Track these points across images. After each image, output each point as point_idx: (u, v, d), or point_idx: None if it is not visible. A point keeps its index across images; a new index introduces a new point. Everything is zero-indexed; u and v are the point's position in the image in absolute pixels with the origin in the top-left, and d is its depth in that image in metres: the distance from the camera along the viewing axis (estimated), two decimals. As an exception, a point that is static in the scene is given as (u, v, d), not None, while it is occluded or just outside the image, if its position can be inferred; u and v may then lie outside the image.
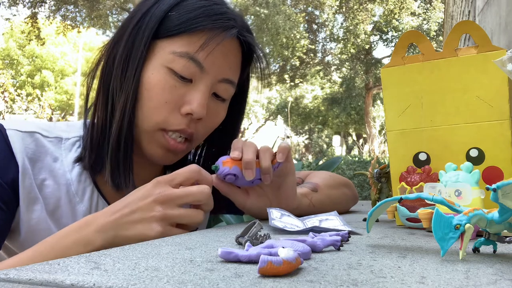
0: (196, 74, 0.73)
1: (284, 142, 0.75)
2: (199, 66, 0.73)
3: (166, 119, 0.73)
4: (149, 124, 0.73)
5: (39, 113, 10.88)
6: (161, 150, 0.75)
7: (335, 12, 14.21)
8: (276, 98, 22.67)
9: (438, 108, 0.69)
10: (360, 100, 16.96)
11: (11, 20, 13.26)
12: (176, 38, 0.73)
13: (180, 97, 0.73)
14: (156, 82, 0.72)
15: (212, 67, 0.74)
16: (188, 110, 0.73)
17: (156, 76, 0.72)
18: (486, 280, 0.35)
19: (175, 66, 0.72)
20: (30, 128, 0.73)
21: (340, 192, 0.95)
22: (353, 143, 21.72)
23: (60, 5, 11.78)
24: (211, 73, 0.74)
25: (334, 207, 0.90)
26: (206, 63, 0.73)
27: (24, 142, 0.71)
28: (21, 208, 0.70)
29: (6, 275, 0.37)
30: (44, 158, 0.73)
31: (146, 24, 0.73)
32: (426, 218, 0.53)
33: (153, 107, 0.72)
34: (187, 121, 0.74)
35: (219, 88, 0.77)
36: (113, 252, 0.47)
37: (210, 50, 0.73)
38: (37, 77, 21.01)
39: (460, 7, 2.67)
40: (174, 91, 0.72)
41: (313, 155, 19.62)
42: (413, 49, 9.29)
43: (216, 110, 0.79)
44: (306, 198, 0.83)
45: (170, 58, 0.72)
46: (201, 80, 0.74)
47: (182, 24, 0.72)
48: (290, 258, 0.37)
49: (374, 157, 0.87)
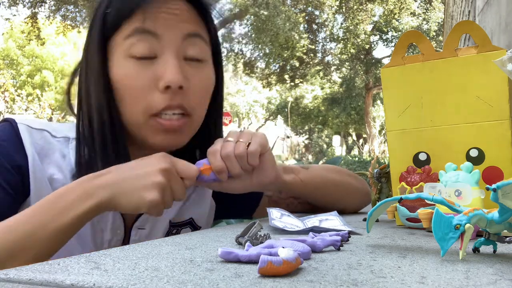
0: (155, 47, 0.72)
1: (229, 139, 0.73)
2: (154, 36, 0.71)
3: (149, 103, 0.72)
4: (137, 116, 0.73)
5: (39, 113, 10.88)
6: (161, 134, 0.74)
7: (335, 12, 14.21)
8: (276, 98, 22.68)
9: (438, 108, 0.69)
10: (360, 100, 16.97)
11: (11, 20, 13.25)
12: (122, 26, 0.72)
13: (152, 77, 0.72)
14: (124, 75, 0.72)
15: (166, 29, 0.72)
16: (164, 83, 0.71)
17: (122, 70, 0.72)
18: (486, 280, 0.35)
19: (133, 50, 0.71)
20: (40, 126, 0.76)
21: (343, 179, 0.92)
22: (353, 143, 21.73)
23: (60, 5, 11.77)
24: (168, 35, 0.72)
25: (330, 191, 0.88)
26: (158, 28, 0.71)
27: (33, 137, 0.73)
28: (31, 198, 0.71)
29: (6, 275, 0.37)
30: (53, 154, 0.75)
31: (94, 29, 0.75)
32: (426, 218, 0.53)
33: (133, 98, 0.72)
34: (170, 95, 0.71)
35: (187, 48, 0.74)
36: (113, 252, 0.47)
37: (155, 14, 0.71)
38: (37, 77, 21.00)
39: (460, 7, 2.67)
40: (143, 74, 0.72)
41: (313, 155, 19.62)
42: (413, 49, 9.29)
43: (197, 72, 0.75)
44: (292, 174, 0.82)
45: (125, 45, 0.72)
46: (163, 49, 0.72)
47: (120, 12, 0.72)
48: (290, 258, 0.37)
49: (374, 157, 0.87)
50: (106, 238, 0.76)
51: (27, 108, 10.93)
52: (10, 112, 10.68)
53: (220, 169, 0.70)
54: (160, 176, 0.63)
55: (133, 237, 0.78)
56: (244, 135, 0.73)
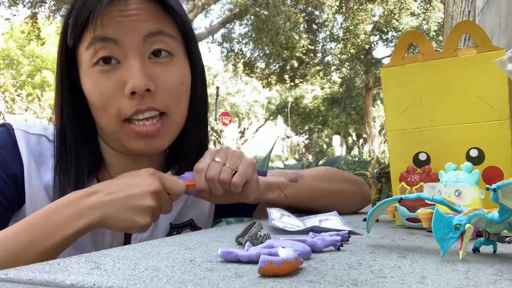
0: (116, 52, 0.70)
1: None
2: (112, 42, 0.69)
3: (118, 109, 0.71)
4: (110, 123, 0.72)
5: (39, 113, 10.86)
6: (136, 140, 0.72)
7: (335, 12, 14.21)
8: (276, 98, 22.67)
9: (438, 108, 0.69)
10: (360, 100, 16.96)
11: (11, 20, 13.25)
12: (82, 37, 0.71)
13: (117, 83, 0.70)
14: (92, 85, 0.71)
15: (125, 33, 0.69)
16: (129, 89, 0.69)
17: (88, 80, 0.72)
18: (486, 280, 0.35)
19: (94, 58, 0.70)
20: (37, 131, 0.75)
21: (335, 187, 0.90)
22: (353, 143, 21.72)
23: (60, 5, 11.77)
24: (128, 40, 0.70)
25: (320, 201, 0.87)
26: (116, 34, 0.69)
27: (30, 144, 0.73)
28: (27, 206, 0.71)
29: (6, 275, 0.37)
30: (49, 160, 0.74)
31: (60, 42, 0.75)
32: (426, 218, 0.53)
33: (102, 107, 0.72)
34: (137, 100, 0.69)
35: (150, 48, 0.71)
36: (113, 252, 0.47)
37: (111, 19, 0.69)
38: (37, 77, 21.01)
39: (460, 7, 2.67)
40: (108, 82, 0.70)
41: (313, 155, 19.61)
42: (413, 49, 9.29)
43: (165, 70, 0.72)
44: (277, 191, 0.82)
45: (87, 54, 0.71)
46: (125, 54, 0.70)
47: (77, 22, 0.70)
48: (290, 258, 0.37)
49: (374, 157, 0.87)
50: (106, 241, 0.76)
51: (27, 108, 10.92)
52: (10, 112, 10.67)
53: (202, 189, 0.71)
54: (151, 200, 0.63)
55: (134, 240, 0.78)
56: (233, 159, 0.72)
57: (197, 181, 0.71)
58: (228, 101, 23.31)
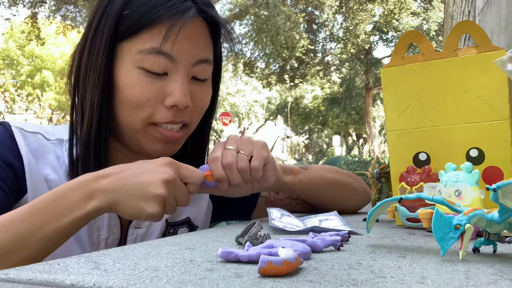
0: (168, 66, 0.73)
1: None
2: (169, 58, 0.72)
3: (152, 114, 0.73)
4: (135, 122, 0.73)
5: (39, 113, 10.87)
6: (160, 143, 0.75)
7: (335, 12, 14.21)
8: (276, 98, 22.66)
9: (438, 108, 0.69)
10: (360, 100, 16.96)
11: (11, 20, 13.25)
12: (138, 36, 0.72)
13: (160, 92, 0.73)
14: (133, 84, 0.72)
15: (182, 54, 0.73)
16: (172, 103, 0.72)
17: (130, 79, 0.72)
18: (486, 280, 0.35)
19: (145, 64, 0.72)
20: (33, 129, 0.76)
21: (342, 179, 0.92)
22: (353, 143, 21.72)
23: (60, 5, 11.77)
24: (182, 60, 0.73)
25: (330, 191, 0.88)
26: (174, 52, 0.72)
27: (28, 140, 0.74)
28: (29, 196, 0.71)
29: (6, 275, 0.37)
30: (47, 156, 0.75)
31: (103, 29, 0.73)
32: (426, 218, 0.53)
33: (136, 106, 0.72)
34: (174, 112, 0.73)
35: (196, 71, 0.76)
36: (113, 252, 0.47)
37: (174, 38, 0.71)
38: (37, 77, 21.00)
39: (460, 7, 2.67)
40: (152, 88, 0.72)
41: (313, 155, 19.62)
42: (413, 49, 9.28)
43: (201, 92, 0.78)
44: (291, 175, 0.83)
45: (138, 58, 0.72)
46: (175, 71, 0.73)
47: (140, 20, 0.71)
48: (290, 258, 0.37)
49: (374, 157, 0.87)
50: (102, 236, 0.76)
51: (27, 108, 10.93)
52: (10, 112, 10.68)
53: (220, 178, 0.70)
54: (163, 188, 0.62)
55: (130, 236, 0.79)
56: (245, 145, 0.72)
57: (214, 169, 0.70)
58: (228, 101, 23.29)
